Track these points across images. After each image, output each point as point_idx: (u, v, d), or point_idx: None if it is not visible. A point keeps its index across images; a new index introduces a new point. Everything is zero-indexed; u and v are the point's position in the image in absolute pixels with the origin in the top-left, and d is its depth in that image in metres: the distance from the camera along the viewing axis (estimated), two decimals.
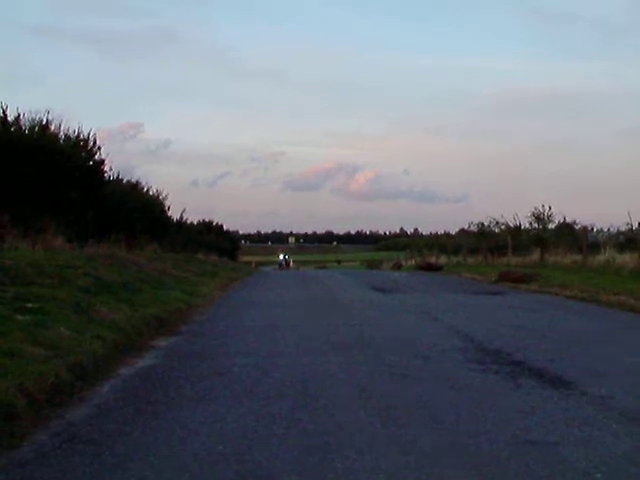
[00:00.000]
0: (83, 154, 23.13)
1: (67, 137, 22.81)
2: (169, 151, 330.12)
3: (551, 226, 31.07)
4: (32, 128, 21.49)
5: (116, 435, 4.61)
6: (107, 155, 24.68)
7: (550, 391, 5.98)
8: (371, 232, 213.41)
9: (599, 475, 3.82)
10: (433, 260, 41.89)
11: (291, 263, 69.56)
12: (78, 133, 23.12)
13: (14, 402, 4.81)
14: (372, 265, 67.12)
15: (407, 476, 3.82)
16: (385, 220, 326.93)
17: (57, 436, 4.56)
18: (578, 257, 24.80)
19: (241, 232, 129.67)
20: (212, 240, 44.55)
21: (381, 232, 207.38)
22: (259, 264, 64.72)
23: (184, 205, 62.57)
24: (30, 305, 8.31)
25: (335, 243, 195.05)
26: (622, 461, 4.08)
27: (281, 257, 61.97)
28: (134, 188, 30.50)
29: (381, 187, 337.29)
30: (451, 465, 4.00)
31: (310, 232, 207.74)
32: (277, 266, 61.57)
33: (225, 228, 58.97)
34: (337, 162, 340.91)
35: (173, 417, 5.09)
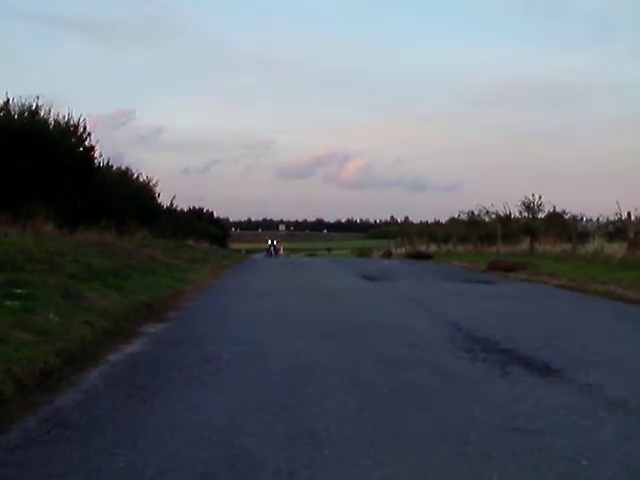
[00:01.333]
0: (73, 140, 23.07)
1: (57, 123, 22.74)
2: (160, 138, 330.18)
3: (541, 215, 31.16)
4: (21, 114, 21.40)
5: (105, 420, 4.61)
6: (97, 141, 24.67)
7: (537, 379, 6.02)
8: (362, 220, 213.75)
9: (585, 462, 3.85)
10: (423, 248, 41.94)
11: (281, 250, 63.82)
12: (68, 119, 23.06)
13: (2, 388, 4.80)
14: (362, 253, 67.10)
15: (395, 461, 3.84)
16: (376, 208, 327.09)
17: (46, 421, 4.56)
18: (567, 246, 24.86)
19: (232, 219, 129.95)
20: (202, 227, 44.52)
21: (372, 220, 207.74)
22: (249, 251, 64.19)
23: (175, 192, 61.56)
24: (19, 291, 8.29)
25: (326, 231, 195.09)
26: (608, 448, 4.11)
27: (269, 243, 54.30)
28: (124, 175, 30.46)
29: (372, 175, 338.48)
30: (438, 451, 4.02)
31: (301, 220, 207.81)
32: (265, 253, 55.50)
33: (215, 215, 59.08)
34: (329, 150, 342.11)
35: (162, 403, 5.10)
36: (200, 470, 3.68)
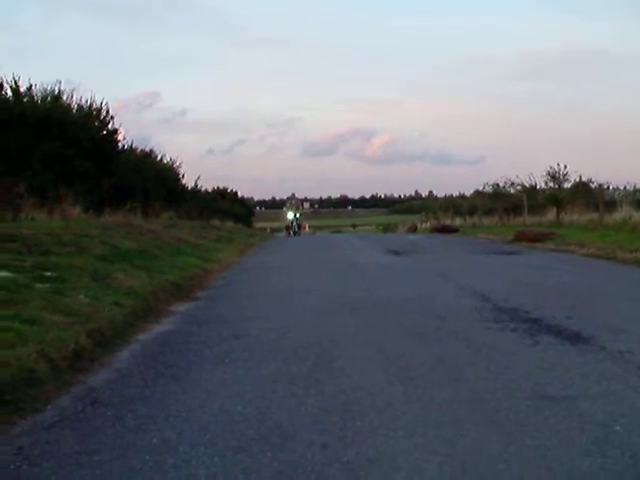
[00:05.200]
0: (96, 124, 23.18)
1: (80, 107, 22.87)
2: (185, 119, 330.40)
3: (567, 185, 30.87)
4: (44, 99, 21.54)
5: (137, 398, 4.66)
6: (120, 124, 24.84)
7: (568, 347, 5.98)
8: (386, 196, 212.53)
9: (618, 427, 3.83)
10: (448, 222, 41.74)
11: (307, 228, 51.99)
12: (91, 103, 23.18)
13: (36, 368, 4.87)
14: (387, 229, 66.98)
15: (427, 432, 3.84)
16: (400, 184, 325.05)
17: (79, 400, 4.62)
18: (594, 215, 24.61)
19: (256, 198, 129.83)
20: (227, 207, 44.62)
21: (396, 196, 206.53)
22: (274, 230, 63.37)
23: (201, 173, 61.08)
24: (48, 274, 8.38)
25: (350, 207, 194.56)
26: None
27: (290, 216, 35.74)
28: (148, 157, 30.58)
29: (396, 150, 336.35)
30: (470, 420, 4.02)
31: (325, 197, 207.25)
32: (285, 230, 37.43)
33: (240, 195, 59.06)
34: (353, 127, 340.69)
35: (193, 380, 5.14)
36: (233, 444, 3.71)
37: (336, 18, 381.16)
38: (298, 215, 35.77)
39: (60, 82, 22.15)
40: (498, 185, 37.05)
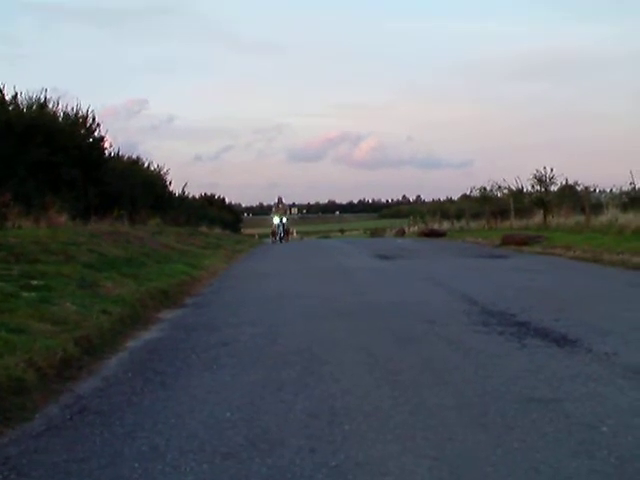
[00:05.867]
0: (82, 131, 23.14)
1: (66, 115, 22.81)
2: (173, 126, 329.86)
3: (553, 188, 30.97)
4: (30, 107, 21.47)
5: (125, 406, 4.65)
6: (107, 131, 24.77)
7: (555, 349, 6.02)
8: (374, 201, 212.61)
9: (605, 428, 3.86)
10: (436, 226, 41.82)
11: (294, 233, 48.17)
12: (77, 110, 23.13)
13: (24, 377, 4.85)
14: (375, 233, 67.00)
15: (415, 435, 3.86)
16: (388, 188, 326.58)
17: (67, 408, 4.61)
18: (581, 218, 24.71)
19: (244, 205, 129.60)
20: (215, 213, 44.56)
21: (384, 200, 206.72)
22: (262, 236, 63.18)
23: (188, 180, 60.61)
24: (35, 282, 8.35)
25: (338, 213, 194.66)
26: (627, 414, 4.12)
27: (276, 221, 33.24)
28: (134, 164, 30.52)
29: (384, 155, 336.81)
30: (458, 424, 4.04)
31: (312, 202, 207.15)
32: (270, 236, 35.01)
33: (227, 201, 58.99)
34: (341, 132, 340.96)
35: (181, 387, 5.14)
36: (222, 450, 3.72)
37: (323, 24, 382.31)
38: (285, 220, 33.34)
39: (46, 90, 22.11)
40: (485, 189, 37.27)
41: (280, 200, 34.16)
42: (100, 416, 4.41)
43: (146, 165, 32.04)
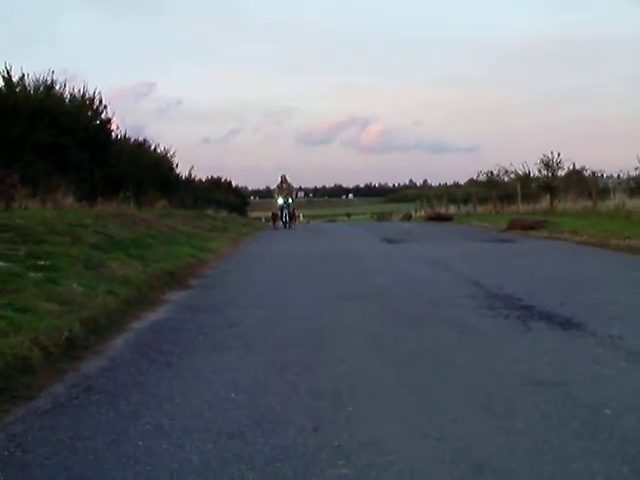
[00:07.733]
0: (89, 113, 23.10)
1: (73, 97, 22.78)
2: (181, 109, 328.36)
3: (560, 173, 30.89)
4: (37, 89, 21.44)
5: (131, 385, 4.68)
6: (114, 114, 24.70)
7: (560, 333, 6.02)
8: (380, 185, 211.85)
9: (608, 411, 3.86)
10: (443, 210, 41.76)
11: (300, 217, 46.62)
12: (84, 93, 23.08)
13: (29, 355, 4.88)
14: (382, 217, 66.90)
15: (418, 417, 3.87)
16: (395, 172, 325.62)
17: (73, 387, 4.63)
18: (588, 203, 24.64)
19: (250, 188, 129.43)
20: (222, 196, 44.53)
21: (390, 184, 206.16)
22: (268, 220, 62.89)
23: (196, 162, 60.32)
24: (42, 262, 8.37)
25: (344, 197, 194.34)
26: (631, 397, 4.12)
27: (280, 202, 28.93)
28: (141, 146, 30.49)
29: (391, 139, 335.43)
30: (463, 406, 4.05)
31: (319, 186, 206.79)
32: (271, 221, 30.88)
33: (234, 184, 58.93)
34: (349, 116, 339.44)
35: (187, 367, 5.16)
36: (226, 430, 3.73)
37: (332, 6, 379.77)
38: (290, 201, 28.98)
39: (53, 72, 22.04)
40: (492, 173, 37.11)
41: (284, 179, 29.26)
42: (105, 395, 4.44)
43: (153, 148, 32.01)
